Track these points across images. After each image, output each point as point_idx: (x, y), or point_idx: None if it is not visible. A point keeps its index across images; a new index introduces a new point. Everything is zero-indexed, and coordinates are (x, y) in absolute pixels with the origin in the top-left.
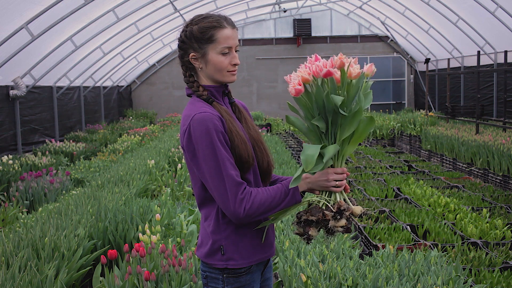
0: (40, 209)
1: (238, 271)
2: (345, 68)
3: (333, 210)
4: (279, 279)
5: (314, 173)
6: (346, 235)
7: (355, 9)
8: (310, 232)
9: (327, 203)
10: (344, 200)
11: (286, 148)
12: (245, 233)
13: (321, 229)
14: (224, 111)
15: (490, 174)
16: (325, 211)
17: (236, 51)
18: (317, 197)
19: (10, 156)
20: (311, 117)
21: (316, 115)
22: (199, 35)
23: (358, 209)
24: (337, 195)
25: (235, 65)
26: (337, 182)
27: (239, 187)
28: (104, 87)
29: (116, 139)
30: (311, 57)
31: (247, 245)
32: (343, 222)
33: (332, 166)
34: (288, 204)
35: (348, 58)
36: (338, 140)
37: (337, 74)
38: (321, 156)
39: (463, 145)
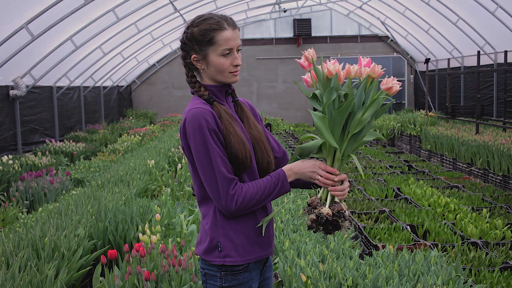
0: (40, 209)
1: (236, 268)
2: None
3: (307, 203)
4: (279, 279)
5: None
6: (346, 234)
7: (355, 9)
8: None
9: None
10: (329, 200)
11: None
12: (242, 231)
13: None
14: (223, 110)
15: (490, 174)
16: (307, 203)
17: (238, 51)
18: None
19: (10, 156)
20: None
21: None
22: (199, 37)
23: (324, 211)
24: (321, 191)
25: (236, 66)
26: (320, 178)
27: (230, 183)
28: (104, 87)
29: (116, 139)
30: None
31: (245, 243)
32: (311, 216)
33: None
34: (278, 194)
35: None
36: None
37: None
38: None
39: (463, 145)
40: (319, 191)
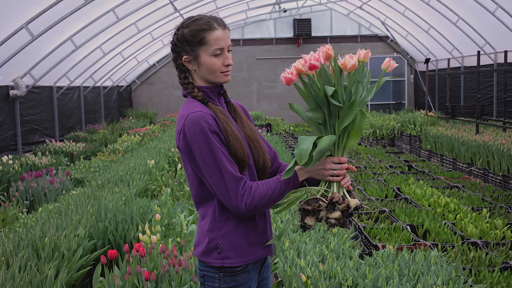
0: (40, 209)
1: (235, 269)
2: (333, 60)
3: (326, 201)
4: (279, 279)
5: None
6: (346, 234)
7: (355, 9)
8: (306, 221)
9: (325, 194)
10: (343, 193)
11: (286, 148)
12: (241, 232)
13: (320, 220)
14: (219, 111)
15: (490, 174)
16: (319, 201)
17: (228, 52)
18: (318, 187)
19: (10, 156)
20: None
21: (313, 106)
22: (190, 38)
23: (353, 202)
24: (335, 186)
25: (228, 65)
26: (334, 172)
27: (239, 183)
28: (104, 87)
29: (116, 139)
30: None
31: (244, 244)
32: (336, 214)
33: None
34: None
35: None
36: (336, 131)
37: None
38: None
39: (463, 145)
40: (323, 187)
